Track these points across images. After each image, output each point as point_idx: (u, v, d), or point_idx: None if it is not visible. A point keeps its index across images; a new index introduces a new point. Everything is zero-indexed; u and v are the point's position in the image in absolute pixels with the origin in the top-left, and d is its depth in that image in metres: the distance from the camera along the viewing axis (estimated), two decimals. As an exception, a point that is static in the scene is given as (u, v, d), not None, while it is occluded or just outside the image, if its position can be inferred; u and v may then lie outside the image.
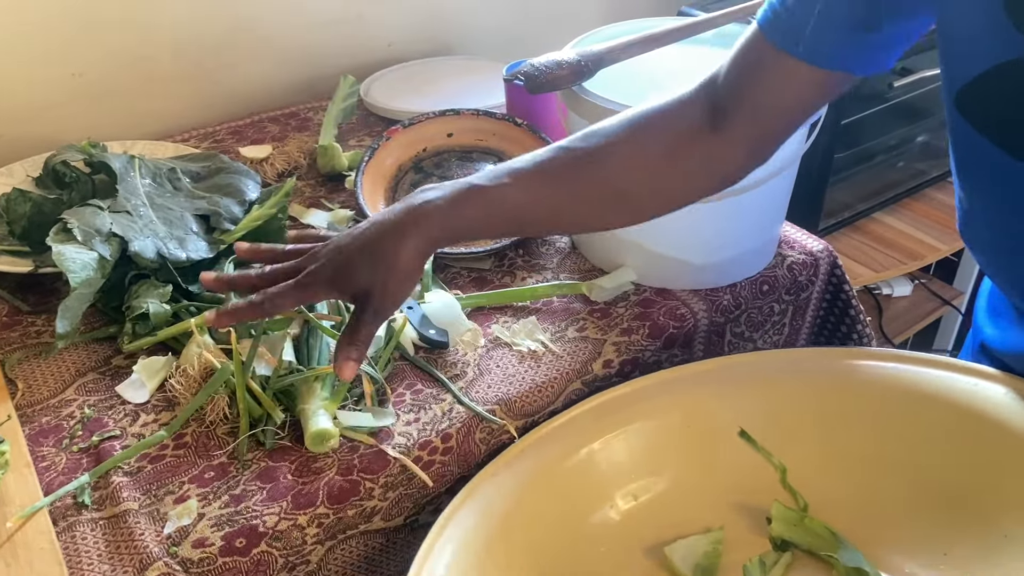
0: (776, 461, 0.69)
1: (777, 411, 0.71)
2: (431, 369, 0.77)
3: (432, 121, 1.04)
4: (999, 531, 0.62)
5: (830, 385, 0.72)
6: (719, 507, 0.69)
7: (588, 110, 0.80)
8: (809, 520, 0.66)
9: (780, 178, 0.82)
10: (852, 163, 1.41)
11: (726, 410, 0.71)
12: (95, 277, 0.75)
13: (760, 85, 0.63)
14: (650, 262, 0.86)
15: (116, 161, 0.86)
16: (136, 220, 0.82)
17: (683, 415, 0.72)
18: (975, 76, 0.54)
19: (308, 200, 1.02)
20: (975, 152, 0.58)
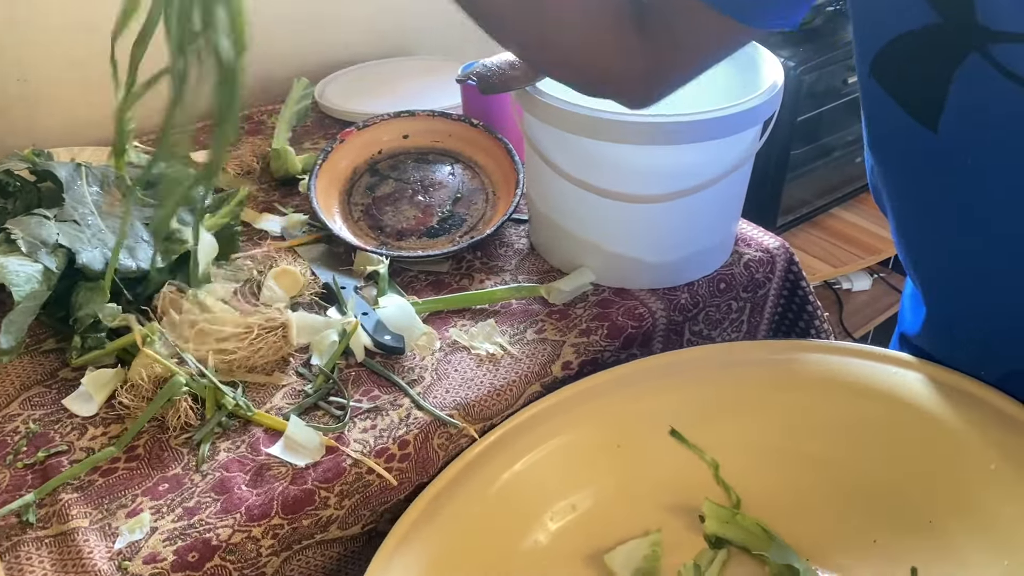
0: (708, 458, 0.69)
1: (704, 408, 0.72)
2: (387, 374, 0.76)
3: (387, 123, 1.03)
4: (924, 517, 0.64)
5: (756, 379, 0.73)
6: (655, 510, 0.70)
7: (542, 111, 0.79)
8: (741, 517, 0.67)
9: (735, 175, 0.82)
10: (809, 159, 1.42)
11: (653, 411, 0.72)
12: (40, 290, 0.73)
13: (666, 15, 0.62)
14: (608, 262, 0.86)
15: (62, 169, 0.84)
16: (84, 230, 0.80)
17: (608, 422, 0.72)
18: (888, 41, 0.55)
19: (261, 205, 1.01)
20: (888, 119, 0.59)
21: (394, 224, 0.95)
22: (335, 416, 0.72)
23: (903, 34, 0.54)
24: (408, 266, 0.90)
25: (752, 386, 0.73)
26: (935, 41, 0.53)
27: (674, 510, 0.69)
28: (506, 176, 0.99)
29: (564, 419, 0.72)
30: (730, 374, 0.74)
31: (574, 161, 0.81)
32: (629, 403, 0.72)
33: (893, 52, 0.56)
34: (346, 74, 1.29)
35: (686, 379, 0.74)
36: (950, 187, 0.60)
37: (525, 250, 0.93)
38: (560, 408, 0.72)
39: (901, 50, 0.55)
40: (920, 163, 0.60)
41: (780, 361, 0.74)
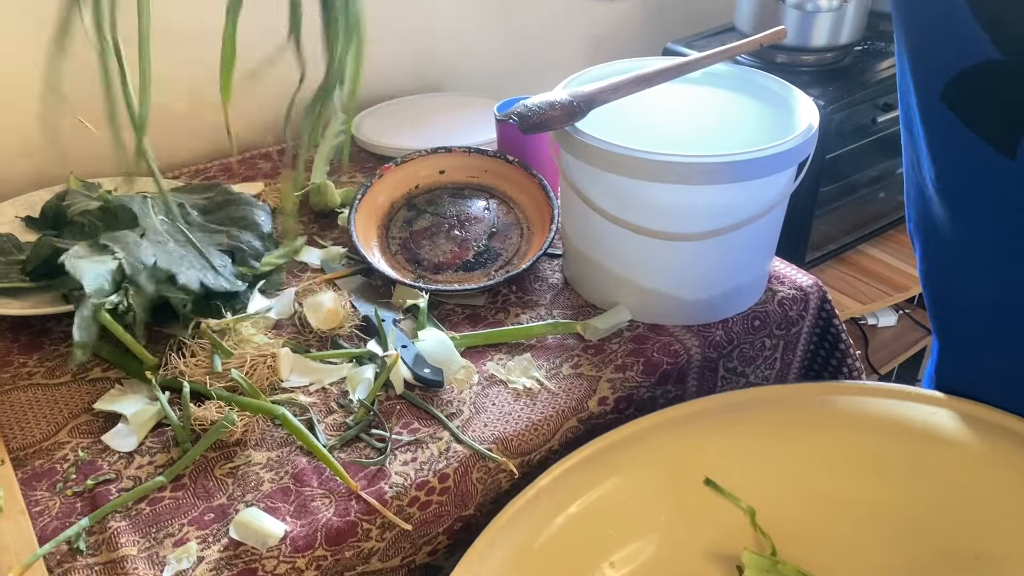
0: (744, 505, 0.69)
1: (742, 452, 0.72)
2: (427, 406, 0.77)
3: (424, 159, 1.05)
4: (969, 553, 0.63)
5: (793, 422, 0.73)
6: (695, 559, 0.69)
7: (581, 150, 0.81)
8: (782, 565, 0.66)
9: (770, 215, 0.84)
10: (837, 196, 1.43)
11: (687, 458, 0.72)
12: (107, 288, 0.75)
13: None
14: (643, 298, 0.87)
15: (133, 202, 0.87)
16: (171, 253, 0.83)
17: (648, 469, 0.71)
18: (960, 70, 0.56)
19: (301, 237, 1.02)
20: (959, 147, 0.59)
21: (431, 258, 0.97)
22: (376, 448, 0.73)
23: (977, 64, 0.55)
24: (445, 299, 0.92)
25: (788, 429, 0.73)
26: (1011, 69, 0.54)
27: (712, 559, 0.69)
28: (540, 211, 1.01)
29: (603, 469, 0.72)
30: (764, 417, 0.74)
31: (611, 198, 0.82)
32: (666, 449, 0.72)
33: (967, 80, 0.56)
34: (381, 109, 1.31)
35: (718, 423, 0.74)
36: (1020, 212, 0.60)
37: (559, 284, 0.94)
38: (597, 459, 0.72)
39: (975, 78, 0.55)
40: (990, 190, 0.60)
41: (815, 403, 0.74)
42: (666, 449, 0.72)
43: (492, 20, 1.45)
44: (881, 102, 1.35)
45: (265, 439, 0.74)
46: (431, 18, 1.38)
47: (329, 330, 0.85)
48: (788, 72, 1.35)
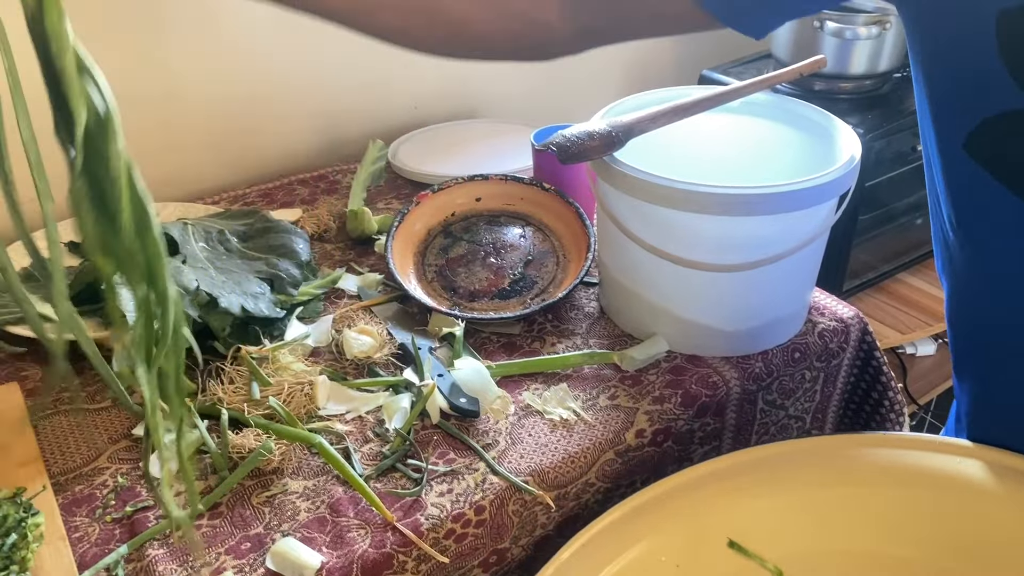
0: (771, 566, 0.68)
1: (769, 510, 0.70)
2: (463, 437, 0.76)
3: (460, 186, 1.06)
4: None
5: (820, 478, 0.70)
6: None
7: (619, 180, 0.81)
8: None
9: (811, 246, 0.83)
10: (875, 225, 1.42)
11: (717, 518, 0.69)
12: None
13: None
14: (681, 329, 0.86)
15: (174, 229, 0.88)
16: (212, 279, 0.84)
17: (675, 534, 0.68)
18: (983, 119, 0.55)
19: (337, 263, 1.03)
20: (981, 194, 0.58)
21: (467, 285, 0.97)
22: (412, 479, 0.73)
23: (1002, 113, 0.54)
24: (480, 327, 0.92)
25: (815, 485, 0.70)
26: None
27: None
28: (576, 239, 1.01)
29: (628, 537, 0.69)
30: (791, 474, 0.72)
31: (650, 229, 0.81)
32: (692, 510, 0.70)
33: (991, 128, 0.56)
34: (417, 135, 1.32)
35: (748, 481, 0.71)
36: None
37: (595, 313, 0.94)
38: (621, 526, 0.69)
39: (999, 126, 0.55)
40: (1014, 236, 0.59)
41: (842, 457, 0.72)
42: (692, 511, 0.69)
43: (528, 47, 1.46)
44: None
45: (302, 468, 0.74)
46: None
47: (366, 357, 0.85)
48: (826, 99, 1.35)
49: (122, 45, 1.09)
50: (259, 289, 0.87)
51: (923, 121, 0.64)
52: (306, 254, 0.95)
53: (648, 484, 0.79)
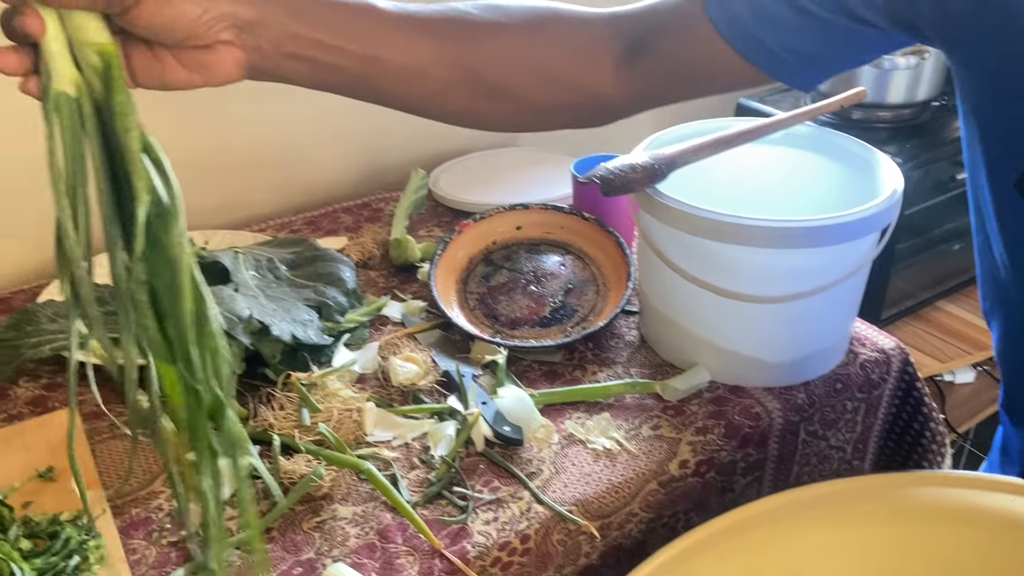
0: None
1: (822, 550, 0.69)
2: (508, 465, 0.78)
3: (502, 215, 1.07)
4: None
5: (871, 516, 0.70)
6: None
7: (662, 211, 0.82)
8: None
9: (853, 278, 0.83)
10: (914, 252, 1.41)
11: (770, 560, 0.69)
12: None
13: (675, 42, 0.63)
14: (723, 359, 0.86)
15: (225, 257, 0.90)
16: (263, 307, 0.86)
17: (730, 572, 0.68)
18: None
19: (381, 290, 1.05)
20: None
21: (508, 313, 0.98)
22: (458, 506, 0.74)
23: None
24: (522, 355, 0.93)
25: (867, 524, 0.70)
26: None
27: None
28: (617, 268, 1.02)
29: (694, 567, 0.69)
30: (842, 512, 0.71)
31: (692, 259, 0.82)
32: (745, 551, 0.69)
33: None
34: (457, 164, 1.34)
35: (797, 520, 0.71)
36: None
37: (636, 342, 0.95)
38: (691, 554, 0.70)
39: None
40: None
41: (893, 496, 0.72)
42: (746, 550, 0.69)
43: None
44: (960, 159, 1.33)
45: (351, 494, 0.75)
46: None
47: (411, 384, 0.87)
48: (864, 129, 1.35)
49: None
50: (308, 316, 0.89)
51: (972, 160, 0.64)
52: (352, 282, 0.97)
53: (691, 514, 0.80)
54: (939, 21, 0.56)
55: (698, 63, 0.64)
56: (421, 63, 0.59)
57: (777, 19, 0.59)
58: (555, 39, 0.63)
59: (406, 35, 0.58)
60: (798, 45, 0.61)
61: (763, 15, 0.60)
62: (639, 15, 0.65)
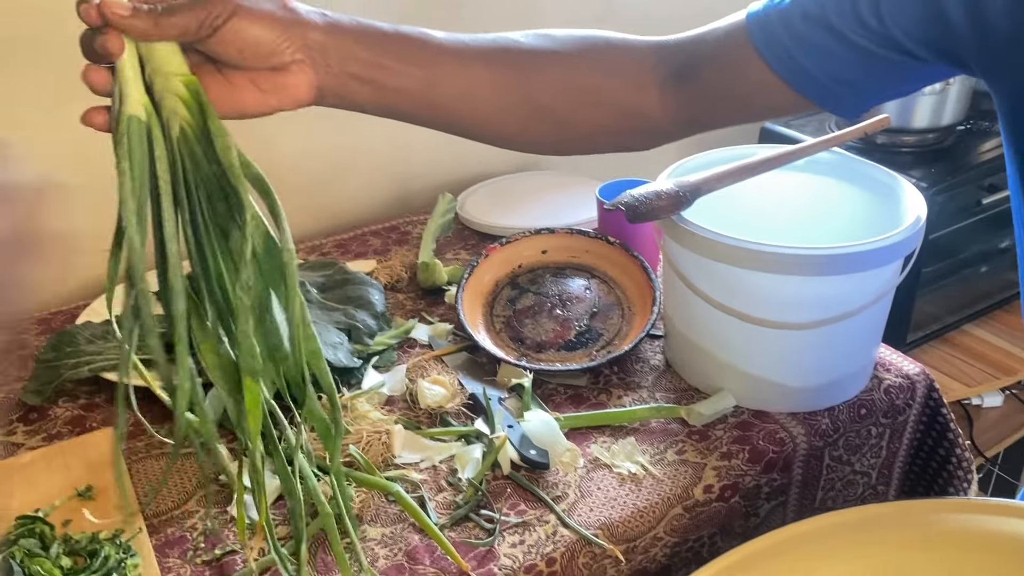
0: None
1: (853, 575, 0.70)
2: (534, 489, 0.79)
3: (528, 239, 1.09)
4: None
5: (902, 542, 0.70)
6: None
7: (686, 238, 0.83)
8: None
9: (877, 305, 0.84)
10: (940, 276, 1.41)
11: None
12: None
13: (721, 70, 0.64)
14: (747, 384, 0.87)
15: None
16: None
17: None
18: None
19: (409, 313, 1.07)
20: None
21: (534, 336, 0.99)
22: (485, 529, 0.75)
23: None
24: (547, 378, 0.94)
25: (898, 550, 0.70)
26: None
27: None
28: (642, 292, 1.03)
29: None
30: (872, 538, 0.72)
31: (716, 285, 0.83)
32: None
33: None
34: (483, 187, 1.36)
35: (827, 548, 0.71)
36: None
37: (661, 367, 0.96)
38: None
39: None
40: None
41: (923, 523, 0.72)
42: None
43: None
44: (986, 183, 1.34)
45: (380, 515, 0.76)
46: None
47: (438, 407, 0.88)
48: (889, 153, 1.35)
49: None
50: (338, 339, 0.91)
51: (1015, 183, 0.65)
52: (381, 305, 0.99)
53: (716, 539, 0.81)
54: (979, 51, 0.57)
55: (744, 91, 0.65)
56: (476, 86, 0.61)
57: (822, 49, 0.60)
58: (602, 64, 0.66)
59: (462, 60, 0.60)
60: (843, 74, 0.61)
61: (808, 45, 0.61)
62: (686, 43, 0.67)
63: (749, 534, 0.84)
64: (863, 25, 0.58)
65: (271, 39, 0.52)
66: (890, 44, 0.59)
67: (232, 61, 0.52)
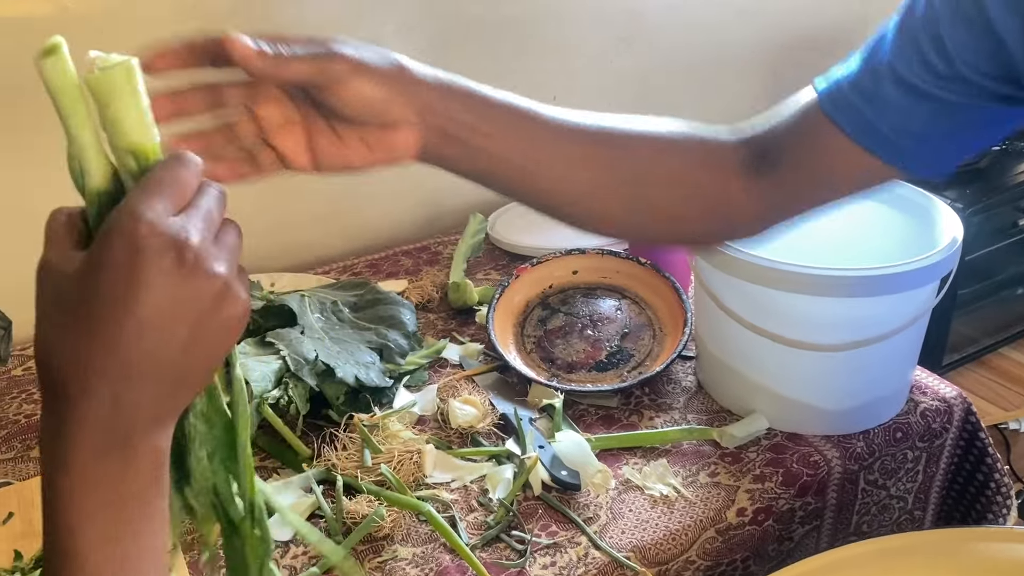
0: None
1: None
2: (565, 510, 0.78)
3: (559, 259, 1.09)
4: None
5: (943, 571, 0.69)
6: None
7: (720, 260, 0.83)
8: None
9: (913, 327, 0.83)
10: (976, 298, 1.39)
11: None
12: (269, 385, 0.82)
13: (806, 153, 0.62)
14: (781, 406, 0.86)
15: (293, 301, 0.94)
16: (328, 349, 0.89)
17: None
18: None
19: (440, 333, 1.07)
20: None
21: (564, 357, 0.99)
22: (516, 550, 0.75)
23: None
24: (578, 399, 0.94)
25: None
26: None
27: None
28: (673, 313, 1.03)
29: None
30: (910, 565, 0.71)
31: (749, 306, 0.83)
32: None
33: None
34: (514, 208, 1.37)
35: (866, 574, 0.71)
36: None
37: (693, 388, 0.95)
38: None
39: None
40: None
41: (961, 552, 0.70)
42: None
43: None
44: (1023, 204, 1.32)
45: (411, 535, 0.77)
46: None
47: (469, 427, 0.88)
48: (922, 173, 1.34)
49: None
50: (370, 359, 0.91)
51: None
52: (413, 325, 1.00)
53: (749, 563, 0.80)
54: None
55: (830, 170, 0.62)
56: (573, 164, 0.61)
57: (902, 109, 0.57)
58: (692, 153, 0.65)
59: (561, 135, 0.60)
60: (926, 132, 0.58)
61: (886, 108, 0.57)
62: (761, 129, 0.65)
63: (783, 559, 0.83)
64: (934, 73, 0.55)
65: (386, 98, 0.52)
66: (965, 88, 0.56)
67: (345, 116, 0.52)
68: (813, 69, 0.65)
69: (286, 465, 0.85)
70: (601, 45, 1.41)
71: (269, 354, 0.86)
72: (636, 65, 1.47)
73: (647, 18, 1.44)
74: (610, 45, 1.42)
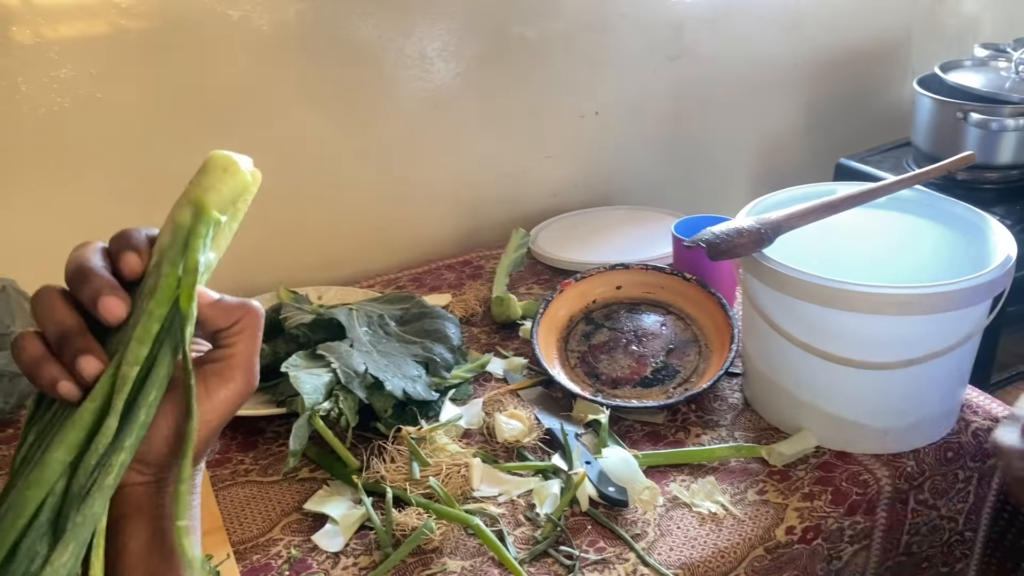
0: None
1: None
2: (613, 526, 0.78)
3: (602, 274, 1.09)
4: None
5: None
6: None
7: (768, 275, 0.83)
8: None
9: (965, 346, 0.82)
10: (1024, 315, 1.37)
11: None
12: (320, 398, 0.83)
13: None
14: (830, 424, 0.86)
15: (341, 314, 0.95)
16: (377, 362, 0.90)
17: None
18: None
19: (484, 347, 1.08)
20: None
21: (609, 372, 1.00)
22: (564, 565, 0.75)
23: None
24: (624, 415, 0.94)
25: None
26: None
27: None
28: (719, 329, 1.02)
29: None
30: None
31: (799, 324, 0.83)
32: None
33: None
34: (556, 222, 1.38)
35: None
36: None
37: (740, 405, 0.95)
38: None
39: None
40: None
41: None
42: None
43: (659, 135, 1.50)
44: (1074, 220, 1.30)
45: (459, 548, 0.77)
46: (601, 135, 1.44)
47: (515, 441, 0.89)
48: (970, 189, 1.33)
49: (285, 129, 1.20)
50: (416, 372, 0.92)
51: None
52: (457, 339, 1.00)
53: (799, 583, 0.79)
54: None
55: None
56: None
57: None
58: None
59: None
60: None
61: None
62: None
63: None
64: None
65: None
66: None
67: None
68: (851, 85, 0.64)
69: (336, 477, 0.86)
70: (643, 60, 1.42)
71: (320, 366, 0.87)
72: (678, 80, 1.47)
73: (689, 33, 1.44)
74: (653, 60, 1.43)
